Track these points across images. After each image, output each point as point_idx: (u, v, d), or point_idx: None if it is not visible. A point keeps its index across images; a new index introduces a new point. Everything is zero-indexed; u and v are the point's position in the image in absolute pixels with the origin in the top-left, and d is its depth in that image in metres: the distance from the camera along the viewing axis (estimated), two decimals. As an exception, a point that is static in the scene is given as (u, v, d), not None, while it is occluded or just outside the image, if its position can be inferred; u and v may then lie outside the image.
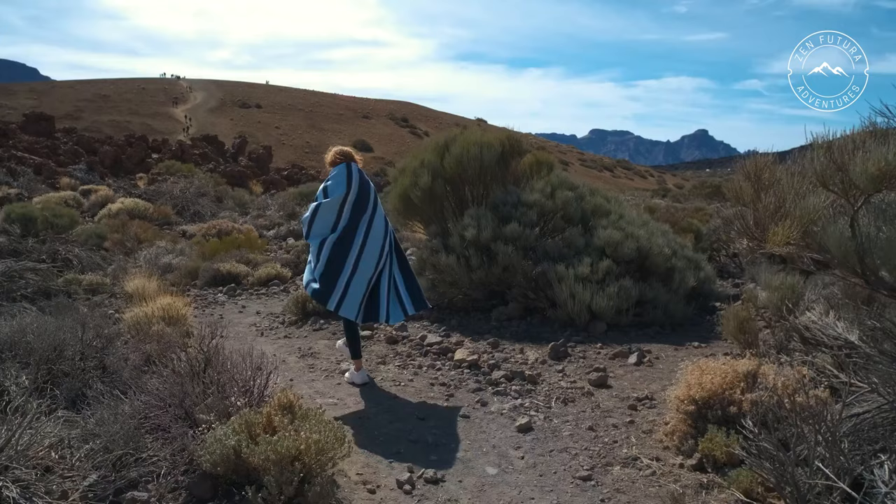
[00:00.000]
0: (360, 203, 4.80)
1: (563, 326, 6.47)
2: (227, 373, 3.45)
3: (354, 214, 4.77)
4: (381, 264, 4.86)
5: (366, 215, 4.81)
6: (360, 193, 4.81)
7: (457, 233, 7.15)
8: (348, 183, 4.78)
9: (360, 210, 4.79)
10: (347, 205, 4.76)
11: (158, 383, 3.45)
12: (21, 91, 62.32)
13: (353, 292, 4.73)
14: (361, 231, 4.77)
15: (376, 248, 4.82)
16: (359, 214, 4.78)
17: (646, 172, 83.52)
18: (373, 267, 4.80)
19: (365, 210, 4.81)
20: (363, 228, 4.78)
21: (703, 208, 15.75)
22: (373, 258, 4.79)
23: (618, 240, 6.90)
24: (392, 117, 75.80)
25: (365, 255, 4.76)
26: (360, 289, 4.75)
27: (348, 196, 4.76)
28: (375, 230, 4.84)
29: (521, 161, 8.47)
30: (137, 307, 5.50)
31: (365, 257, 4.76)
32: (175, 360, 3.71)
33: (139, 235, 12.93)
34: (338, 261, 4.71)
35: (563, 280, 6.51)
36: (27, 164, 21.49)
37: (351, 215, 4.76)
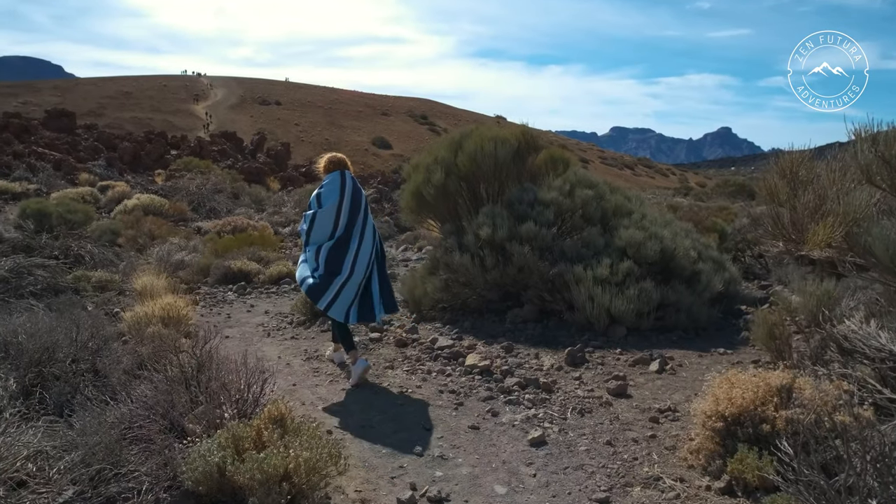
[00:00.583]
0: (353, 210, 4.95)
1: (580, 330, 6.19)
2: (218, 380, 3.23)
3: (349, 221, 4.93)
4: (370, 268, 5.04)
5: (359, 222, 4.97)
6: (353, 201, 4.96)
7: (471, 231, 6.89)
8: (342, 191, 4.93)
9: (354, 217, 4.95)
10: (343, 212, 4.91)
11: (147, 390, 3.24)
12: (45, 88, 63.13)
13: (345, 296, 4.89)
14: (356, 237, 4.94)
15: (367, 253, 5.00)
16: (353, 221, 4.94)
17: (667, 171, 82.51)
18: (363, 272, 4.97)
19: (357, 216, 4.97)
20: (357, 234, 4.95)
21: (727, 207, 15.32)
22: (364, 263, 4.97)
23: (640, 240, 6.59)
24: (411, 114, 75.65)
25: (359, 260, 4.93)
26: (350, 293, 4.92)
27: (342, 204, 4.92)
28: (367, 236, 5.02)
29: (538, 157, 8.19)
30: (138, 306, 5.32)
31: (358, 263, 4.93)
32: (165, 366, 3.50)
33: (153, 232, 12.83)
34: (335, 265, 4.88)
35: (581, 282, 6.22)
36: (47, 159, 21.59)
37: (346, 222, 4.92)
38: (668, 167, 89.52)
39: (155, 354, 3.81)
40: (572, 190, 7.32)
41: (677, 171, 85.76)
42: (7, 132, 27.16)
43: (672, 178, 72.68)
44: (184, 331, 5.32)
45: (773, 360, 4.59)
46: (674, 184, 57.80)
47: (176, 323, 5.10)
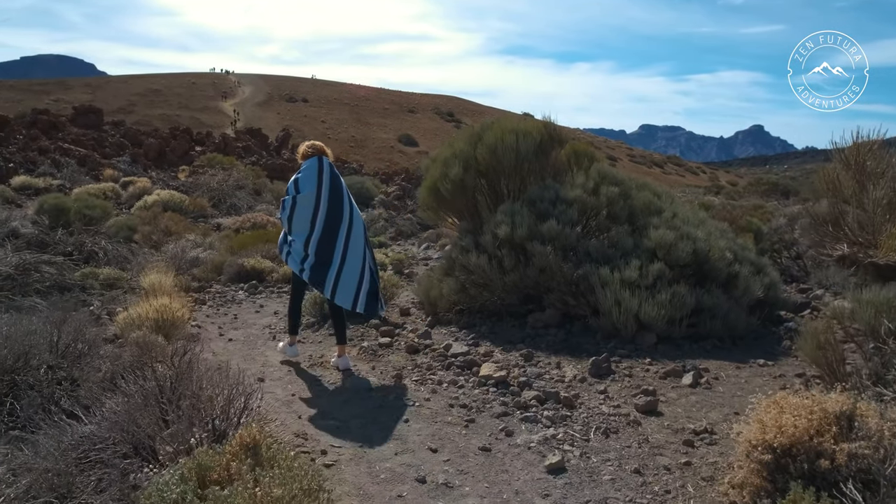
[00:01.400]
0: (334, 197, 4.91)
1: (606, 337, 5.74)
2: (192, 396, 2.87)
3: (331, 207, 4.88)
4: (366, 255, 5.04)
5: (345, 209, 4.93)
6: (332, 187, 4.92)
7: (489, 230, 6.47)
8: (319, 176, 4.90)
9: (337, 203, 4.91)
10: (322, 198, 4.87)
11: (116, 405, 2.90)
12: (77, 86, 64.13)
13: (347, 283, 4.88)
14: (344, 225, 4.91)
15: (360, 238, 4.99)
16: (337, 208, 4.89)
17: (697, 169, 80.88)
18: (360, 258, 4.96)
19: (341, 203, 4.93)
20: (346, 221, 4.92)
21: (762, 206, 14.66)
22: (359, 249, 4.97)
23: (671, 241, 6.11)
24: (437, 112, 75.31)
25: (350, 247, 4.92)
26: (352, 280, 4.90)
27: (321, 190, 4.88)
28: (357, 223, 5.00)
29: (561, 153, 7.73)
30: (132, 307, 5.01)
31: (351, 250, 4.92)
32: (142, 377, 3.15)
33: (170, 228, 12.63)
34: (326, 255, 4.84)
35: (607, 285, 5.77)
36: (72, 155, 21.67)
37: (328, 209, 4.87)
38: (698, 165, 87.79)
39: (134, 363, 3.47)
40: (597, 187, 6.86)
41: (708, 169, 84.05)
42: (35, 128, 27.40)
43: (702, 176, 71.21)
44: (179, 334, 5.00)
45: (822, 376, 4.11)
46: (704, 182, 56.55)
47: (170, 326, 4.78)
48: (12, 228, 11.42)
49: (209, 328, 6.35)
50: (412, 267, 10.76)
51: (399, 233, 15.74)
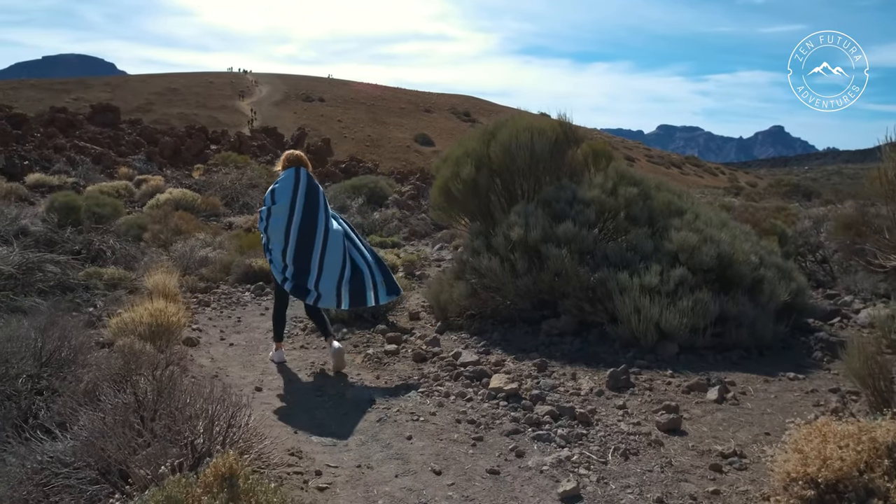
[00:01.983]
0: (309, 207, 4.94)
1: (624, 346, 5.43)
2: (168, 417, 2.62)
3: (306, 217, 4.90)
4: (345, 255, 5.03)
5: (320, 219, 4.96)
6: (307, 197, 4.95)
7: (501, 232, 6.19)
8: (295, 188, 4.94)
9: (312, 214, 4.93)
10: (297, 209, 4.90)
11: (91, 421, 2.66)
12: (97, 85, 64.59)
13: (326, 286, 4.92)
14: (320, 235, 4.93)
15: (338, 246, 4.99)
16: (312, 218, 4.92)
17: (716, 169, 79.83)
18: (339, 263, 4.96)
19: (317, 213, 4.95)
20: (321, 231, 4.94)
21: (785, 207, 14.21)
22: (337, 256, 4.97)
23: (693, 244, 5.79)
24: (454, 111, 75.01)
25: (327, 255, 4.94)
26: (331, 281, 4.92)
27: (296, 200, 4.91)
28: (333, 232, 5.00)
29: (578, 152, 7.41)
30: (125, 311, 4.78)
31: (328, 258, 4.93)
32: (123, 390, 2.91)
33: (180, 227, 12.46)
34: (303, 263, 4.89)
35: (626, 291, 5.46)
36: (87, 153, 21.69)
37: (302, 218, 4.89)
38: (716, 166, 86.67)
39: (115, 375, 3.24)
40: (615, 187, 6.55)
41: (727, 170, 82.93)
42: (53, 126, 27.56)
43: (721, 177, 70.26)
44: (175, 339, 4.77)
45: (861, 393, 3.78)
46: (723, 183, 55.76)
47: (164, 332, 4.54)
48: (22, 226, 11.32)
49: (211, 332, 6.12)
50: (424, 268, 10.50)
51: (413, 233, 15.49)
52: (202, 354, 5.27)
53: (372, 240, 13.47)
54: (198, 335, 5.84)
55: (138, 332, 4.45)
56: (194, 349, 5.39)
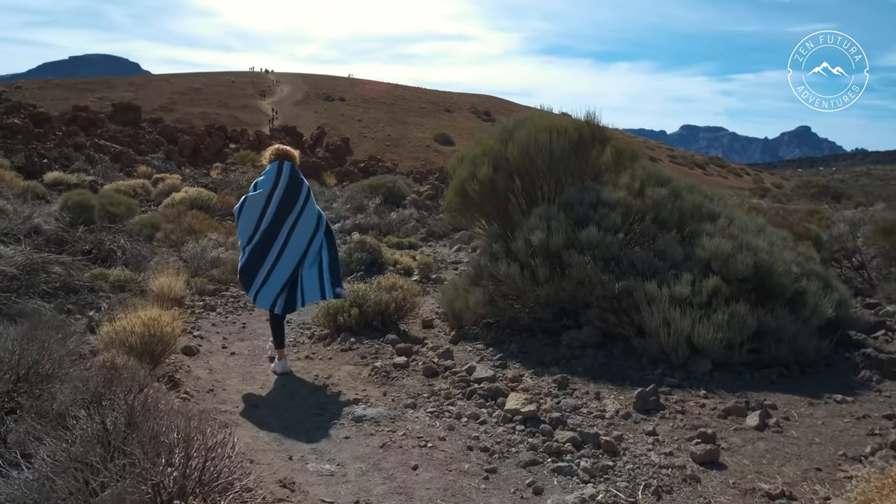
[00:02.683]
0: (287, 199, 4.93)
1: (652, 361, 5.03)
2: (137, 449, 2.28)
3: (280, 211, 4.90)
4: (306, 259, 5.02)
5: (293, 212, 4.94)
6: (287, 190, 4.93)
7: (521, 236, 5.81)
8: (276, 180, 4.93)
9: (288, 206, 4.93)
10: (274, 200, 4.90)
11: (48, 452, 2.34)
12: (121, 84, 65.11)
13: (271, 285, 4.92)
14: (286, 228, 4.92)
15: (302, 243, 4.98)
16: (285, 211, 4.92)
17: (741, 170, 78.46)
18: (295, 262, 4.97)
19: (293, 207, 4.95)
20: (288, 225, 4.93)
21: (817, 210, 13.62)
22: (296, 254, 4.97)
23: (728, 251, 5.36)
24: (474, 111, 74.57)
25: (287, 250, 4.94)
26: (278, 282, 4.93)
27: (275, 192, 4.90)
28: (302, 227, 4.96)
29: (602, 152, 7.01)
30: (119, 319, 4.48)
31: (287, 253, 4.94)
32: (93, 416, 2.59)
33: (193, 226, 12.24)
34: (259, 256, 4.91)
35: (654, 302, 5.06)
36: (107, 151, 21.65)
37: (276, 211, 4.90)
38: (741, 167, 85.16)
39: (95, 394, 2.92)
40: (642, 188, 6.14)
41: (752, 171, 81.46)
42: (75, 125, 27.67)
43: (746, 178, 68.99)
44: (169, 351, 4.46)
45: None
46: (748, 184, 54.70)
47: (157, 343, 4.23)
48: (34, 225, 11.18)
49: (213, 339, 5.83)
50: (440, 271, 10.16)
51: (430, 233, 15.13)
52: (200, 365, 4.96)
53: (389, 240, 13.14)
54: (198, 343, 5.55)
55: (129, 342, 4.15)
56: (193, 359, 5.09)
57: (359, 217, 15.72)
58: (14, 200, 13.86)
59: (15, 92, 54.20)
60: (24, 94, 53.08)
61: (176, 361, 4.76)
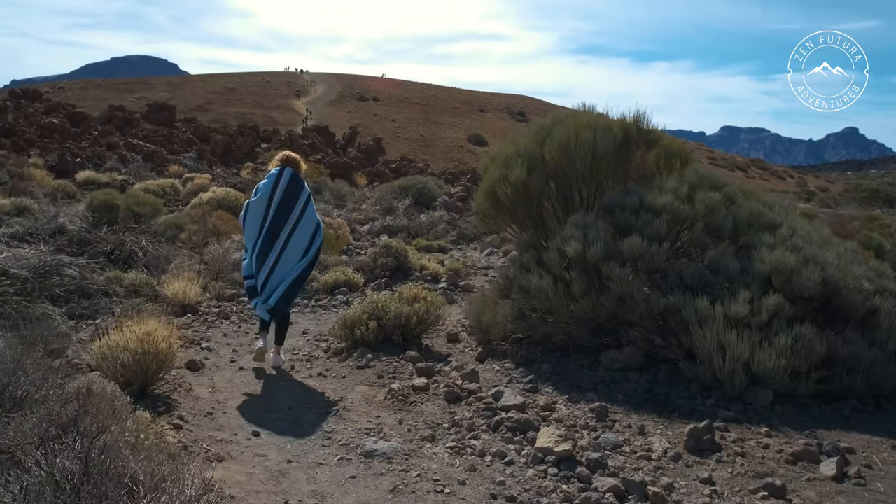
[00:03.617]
0: (284, 204, 4.98)
1: (704, 389, 4.46)
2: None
3: (277, 216, 4.96)
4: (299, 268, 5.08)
5: (291, 218, 5.00)
6: (284, 196, 4.99)
7: (555, 246, 5.28)
8: (275, 185, 5.01)
9: (285, 212, 4.98)
10: (273, 205, 4.97)
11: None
12: (158, 84, 66.14)
13: (266, 293, 4.97)
14: (284, 234, 4.99)
15: (299, 250, 5.06)
16: (283, 216, 4.98)
17: (784, 173, 76.16)
18: (289, 269, 5.03)
19: (290, 212, 5.00)
20: (286, 231, 4.99)
21: (877, 217, 12.74)
22: (293, 260, 5.04)
23: (792, 265, 4.75)
24: (508, 111, 73.90)
25: (284, 257, 5.00)
26: (272, 287, 4.98)
27: (273, 198, 4.98)
28: (299, 234, 5.03)
29: (649, 153, 6.43)
30: (114, 332, 4.09)
31: (284, 260, 5.00)
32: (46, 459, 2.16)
33: (217, 227, 11.96)
34: (258, 262, 4.97)
35: (706, 322, 4.48)
36: (139, 151, 21.69)
37: (273, 217, 4.95)
38: (784, 169, 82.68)
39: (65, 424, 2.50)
40: (692, 192, 5.55)
41: (795, 173, 79.01)
42: (110, 124, 27.93)
43: (789, 180, 66.87)
44: (168, 366, 4.05)
45: None
46: (792, 187, 52.90)
47: (152, 361, 3.82)
48: (59, 224, 11.03)
49: (222, 351, 5.43)
50: (469, 277, 9.66)
51: (461, 236, 14.64)
52: (203, 382, 4.55)
53: (418, 243, 12.70)
54: (205, 357, 5.15)
55: (121, 359, 3.75)
56: (196, 375, 4.68)
57: (388, 219, 15.31)
58: (43, 200, 13.84)
59: (58, 92, 55.41)
60: (66, 95, 54.21)
61: (177, 378, 4.36)
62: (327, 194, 19.75)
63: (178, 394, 4.10)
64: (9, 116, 24.57)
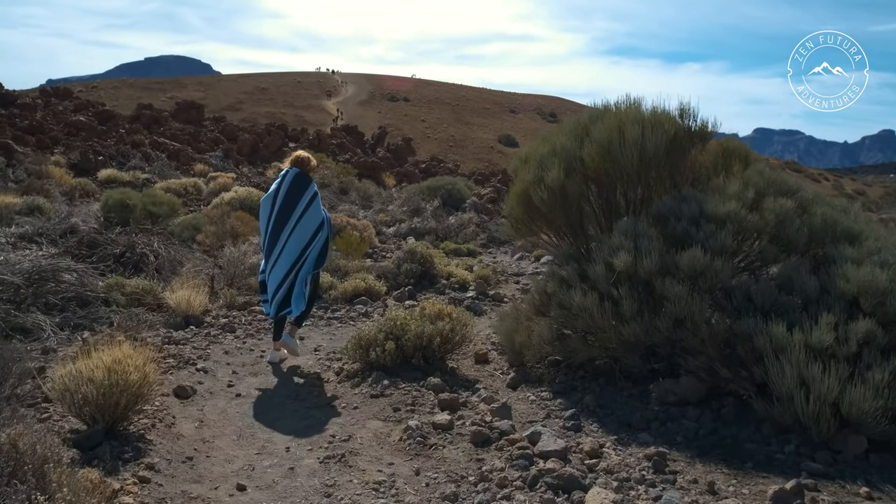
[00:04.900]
0: (286, 204, 5.05)
1: (780, 431, 3.74)
2: None
3: (280, 215, 5.05)
4: (298, 265, 5.10)
5: (293, 217, 5.05)
6: (287, 195, 5.04)
7: (601, 257, 4.58)
8: (280, 185, 5.10)
9: (287, 211, 5.04)
10: (277, 204, 5.07)
11: None
12: (190, 84, 66.59)
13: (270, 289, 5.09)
14: (286, 232, 5.04)
15: (297, 247, 5.07)
16: (285, 215, 5.04)
17: (819, 175, 73.77)
18: (288, 266, 5.06)
19: (292, 211, 5.05)
20: (288, 229, 5.04)
21: (943, 224, 11.71)
22: (291, 258, 5.06)
23: (885, 285, 3.99)
24: (539, 112, 72.95)
25: (283, 255, 5.04)
26: (273, 284, 5.06)
27: (277, 198, 5.07)
28: (299, 232, 5.06)
29: (703, 153, 5.69)
30: (80, 359, 3.50)
31: (283, 257, 5.04)
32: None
33: (236, 229, 11.45)
34: (265, 259, 5.16)
35: (783, 351, 3.75)
36: (165, 149, 21.43)
37: (277, 215, 5.06)
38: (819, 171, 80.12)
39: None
40: (759, 198, 4.80)
41: (830, 175, 76.50)
42: (138, 122, 27.83)
43: (825, 183, 64.69)
44: (145, 399, 3.45)
45: None
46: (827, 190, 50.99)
47: (120, 395, 3.22)
48: (71, 225, 10.62)
49: (220, 372, 4.83)
50: (499, 285, 8.98)
51: (491, 239, 13.96)
52: (190, 414, 3.94)
53: (446, 246, 12.07)
54: (199, 379, 4.55)
55: (83, 393, 3.16)
56: (184, 404, 4.08)
57: (415, 221, 14.67)
58: (60, 199, 13.50)
59: (91, 91, 56.06)
60: (99, 94, 54.81)
61: (159, 409, 3.77)
62: (353, 195, 19.22)
63: (157, 431, 3.51)
64: (37, 114, 24.56)
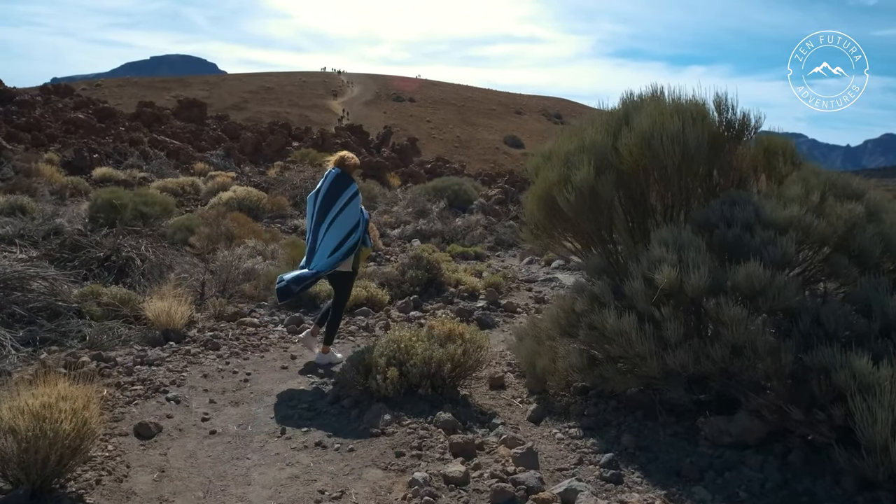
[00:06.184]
0: (325, 203, 5.22)
1: (864, 485, 3.06)
2: None
3: (320, 214, 5.23)
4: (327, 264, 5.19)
5: (329, 215, 5.18)
6: (326, 195, 5.22)
7: (639, 272, 3.89)
8: (321, 185, 5.30)
9: (324, 210, 5.21)
10: (318, 201, 5.26)
11: None
12: (195, 83, 66.17)
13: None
14: (322, 230, 5.20)
15: (332, 243, 5.17)
16: (322, 214, 5.22)
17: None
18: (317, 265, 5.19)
19: (329, 210, 5.19)
20: (324, 227, 5.19)
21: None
22: (321, 258, 5.17)
23: None
24: (545, 113, 72.34)
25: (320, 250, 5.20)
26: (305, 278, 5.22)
27: (318, 197, 5.29)
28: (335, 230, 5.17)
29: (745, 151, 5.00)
30: (10, 397, 2.83)
31: (320, 251, 5.19)
32: None
33: (231, 231, 10.78)
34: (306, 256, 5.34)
35: (869, 390, 3.07)
36: (164, 147, 20.83)
37: (316, 214, 5.25)
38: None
39: None
40: (822, 202, 4.12)
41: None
42: (138, 120, 27.27)
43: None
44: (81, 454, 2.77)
45: None
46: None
47: (50, 448, 2.53)
48: (56, 226, 10.01)
49: (194, 402, 4.13)
50: (511, 293, 8.32)
51: (498, 242, 13.28)
52: (150, 461, 3.26)
53: (453, 249, 11.41)
54: (168, 411, 3.87)
55: (3, 447, 2.51)
56: (145, 446, 3.40)
57: (420, 222, 14.00)
58: (48, 198, 12.87)
59: (95, 90, 55.67)
60: (103, 92, 54.38)
61: (111, 455, 3.11)
62: (357, 195, 18.58)
63: (102, 488, 2.83)
64: (35, 111, 24.00)
